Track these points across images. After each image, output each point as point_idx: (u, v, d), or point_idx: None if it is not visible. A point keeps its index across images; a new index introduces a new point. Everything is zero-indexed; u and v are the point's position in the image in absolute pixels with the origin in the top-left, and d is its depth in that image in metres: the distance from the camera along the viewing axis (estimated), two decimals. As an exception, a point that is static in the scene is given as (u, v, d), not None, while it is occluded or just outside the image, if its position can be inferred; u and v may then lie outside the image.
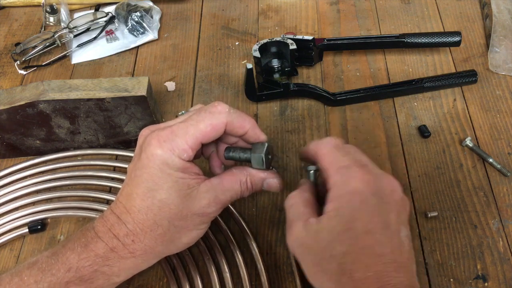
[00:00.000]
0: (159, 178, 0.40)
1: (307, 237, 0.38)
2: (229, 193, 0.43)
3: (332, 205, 0.38)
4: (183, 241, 0.42)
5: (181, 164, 0.40)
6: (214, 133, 0.41)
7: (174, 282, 0.49)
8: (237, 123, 0.42)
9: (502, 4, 0.71)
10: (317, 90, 0.62)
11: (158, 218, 0.40)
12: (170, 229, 0.40)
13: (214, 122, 0.41)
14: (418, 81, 0.61)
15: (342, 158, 0.40)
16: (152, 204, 0.40)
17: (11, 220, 0.54)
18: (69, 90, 0.54)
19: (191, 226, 0.41)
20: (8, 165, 0.59)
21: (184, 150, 0.40)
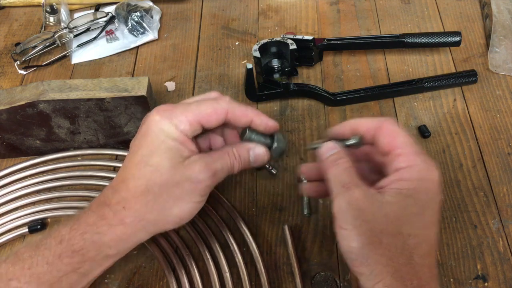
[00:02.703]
0: (154, 144, 0.41)
1: (371, 204, 0.38)
2: (219, 163, 0.43)
3: (407, 184, 0.38)
4: (174, 211, 0.41)
5: (177, 134, 0.41)
6: (214, 116, 0.42)
7: (174, 282, 0.49)
8: (238, 111, 0.43)
9: (502, 4, 0.71)
10: (317, 90, 0.62)
11: (150, 183, 0.40)
12: (162, 196, 0.40)
13: (215, 106, 0.42)
14: (418, 81, 0.61)
15: (416, 145, 0.40)
16: (145, 170, 0.40)
17: (10, 220, 0.54)
18: (69, 90, 0.54)
19: (183, 195, 0.41)
20: (8, 165, 0.59)
21: (182, 122, 0.41)
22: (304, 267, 0.49)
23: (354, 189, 0.39)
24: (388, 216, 0.38)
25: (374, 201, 0.38)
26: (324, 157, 0.42)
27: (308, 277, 0.49)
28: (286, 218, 0.53)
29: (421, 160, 0.39)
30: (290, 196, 0.55)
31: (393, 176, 0.39)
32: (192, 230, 0.52)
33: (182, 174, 0.41)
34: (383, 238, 0.37)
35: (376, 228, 0.38)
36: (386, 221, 0.38)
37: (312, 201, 0.54)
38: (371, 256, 0.38)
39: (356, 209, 0.38)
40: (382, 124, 0.42)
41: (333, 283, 0.48)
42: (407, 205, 0.38)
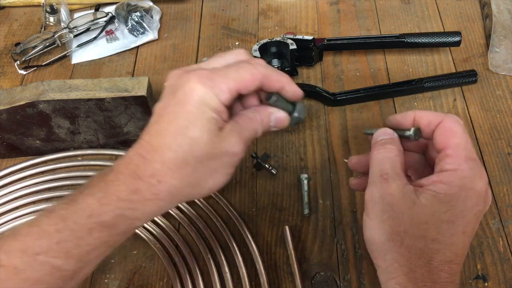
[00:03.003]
0: (194, 115, 0.38)
1: (402, 203, 0.37)
2: (248, 131, 0.41)
3: (446, 189, 0.37)
4: (209, 184, 0.40)
5: (217, 105, 0.39)
6: (252, 82, 0.40)
7: (176, 281, 0.49)
8: (274, 76, 0.41)
9: (502, 4, 0.71)
10: (317, 90, 0.62)
11: (188, 156, 0.38)
12: (199, 169, 0.38)
13: (253, 71, 0.40)
14: (418, 81, 0.61)
15: (472, 149, 0.39)
16: (183, 141, 0.38)
17: (11, 220, 0.54)
18: (69, 90, 0.54)
19: (219, 167, 0.40)
20: (8, 165, 0.59)
21: (223, 91, 0.39)
22: (304, 267, 0.49)
23: (391, 182, 0.38)
24: (415, 218, 0.37)
25: (406, 200, 0.38)
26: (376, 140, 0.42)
27: (308, 277, 0.49)
28: (286, 218, 0.53)
29: (468, 166, 0.38)
30: (290, 196, 0.55)
31: (435, 177, 0.38)
32: (192, 230, 0.52)
33: (219, 147, 0.39)
34: (405, 239, 0.37)
35: (400, 227, 0.37)
36: (411, 223, 0.37)
37: (312, 201, 0.54)
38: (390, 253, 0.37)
39: (386, 203, 0.38)
40: (443, 119, 0.41)
41: (333, 283, 0.48)
42: (439, 211, 0.37)
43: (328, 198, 0.54)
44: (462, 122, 0.41)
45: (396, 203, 0.38)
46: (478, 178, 0.38)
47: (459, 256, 0.37)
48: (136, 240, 0.52)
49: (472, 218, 0.38)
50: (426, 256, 0.37)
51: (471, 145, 0.40)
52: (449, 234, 0.37)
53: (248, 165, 0.57)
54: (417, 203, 0.37)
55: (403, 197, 0.38)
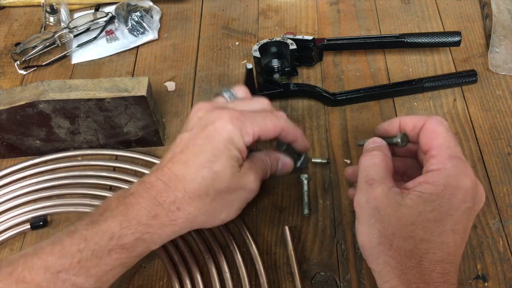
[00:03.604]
0: (220, 151, 0.41)
1: (388, 205, 0.38)
2: (261, 170, 0.46)
3: (431, 188, 0.38)
4: (222, 216, 0.43)
5: (241, 145, 0.42)
6: (273, 132, 0.44)
7: (176, 280, 0.49)
8: (292, 131, 0.46)
9: (502, 4, 0.71)
10: (317, 90, 0.62)
11: (209, 188, 0.41)
12: (217, 201, 0.41)
13: (276, 124, 0.44)
14: (418, 81, 0.61)
15: (455, 147, 0.40)
16: (208, 174, 0.40)
17: (11, 217, 0.54)
18: (69, 90, 0.54)
19: (235, 201, 0.43)
20: (8, 165, 0.59)
21: (248, 134, 0.42)
22: (304, 267, 0.49)
23: (375, 186, 0.39)
24: (401, 219, 0.38)
25: (392, 202, 0.38)
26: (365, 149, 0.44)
27: (308, 277, 0.49)
28: (286, 218, 0.53)
29: (451, 165, 0.38)
30: (290, 196, 0.55)
31: (421, 178, 0.39)
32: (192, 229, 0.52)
33: (238, 182, 0.42)
34: (393, 241, 0.37)
35: (388, 230, 0.38)
36: (398, 224, 0.37)
37: (312, 201, 0.54)
38: (381, 257, 0.38)
39: (372, 207, 0.39)
40: (426, 121, 0.41)
41: (333, 283, 0.48)
42: (425, 210, 0.37)
43: (328, 198, 0.54)
44: (446, 122, 0.42)
45: (382, 207, 0.38)
46: (463, 175, 0.38)
47: (451, 255, 0.37)
48: (136, 240, 0.52)
49: (462, 216, 0.38)
50: (416, 256, 0.37)
51: (454, 143, 0.40)
52: (438, 233, 0.37)
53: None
54: (402, 204, 0.38)
55: (388, 200, 0.38)
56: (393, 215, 0.38)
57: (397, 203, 0.38)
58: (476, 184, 0.39)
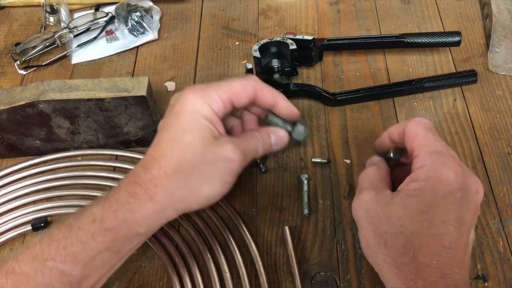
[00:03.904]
0: (187, 122, 0.41)
1: (376, 205, 0.39)
2: (247, 145, 0.43)
3: (415, 185, 0.39)
4: (204, 191, 0.41)
5: (209, 113, 0.42)
6: (244, 92, 0.43)
7: (177, 280, 0.49)
8: (266, 90, 0.45)
9: (502, 4, 0.71)
10: (317, 90, 0.62)
11: (182, 161, 0.40)
12: (194, 174, 0.40)
13: (245, 83, 0.44)
14: (418, 81, 0.61)
15: (435, 143, 0.40)
16: (177, 147, 0.41)
17: (12, 219, 0.54)
18: (69, 90, 0.54)
19: (215, 173, 0.41)
20: (8, 165, 0.59)
21: (215, 100, 0.42)
22: (304, 267, 0.49)
23: (365, 192, 0.41)
24: (390, 216, 0.38)
25: (381, 203, 0.39)
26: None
27: (308, 277, 0.49)
28: (286, 218, 0.53)
29: (431, 160, 0.39)
30: (290, 196, 0.55)
31: (408, 179, 0.40)
32: (193, 230, 0.52)
33: (214, 152, 0.41)
34: (387, 239, 0.38)
35: (381, 229, 0.39)
36: (388, 222, 0.38)
37: (312, 201, 0.54)
38: (378, 256, 0.39)
39: (364, 211, 0.40)
40: (405, 127, 0.42)
41: (333, 283, 0.48)
42: (410, 203, 0.38)
43: (328, 198, 0.54)
44: (426, 121, 0.43)
45: (372, 208, 0.40)
46: (442, 167, 0.39)
47: (448, 247, 0.37)
48: (136, 240, 0.52)
49: (451, 206, 0.38)
50: (410, 252, 0.37)
51: (434, 139, 0.41)
52: (427, 224, 0.37)
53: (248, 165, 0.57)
54: (391, 203, 0.39)
55: (377, 201, 0.40)
56: (382, 214, 0.39)
57: (386, 203, 0.39)
58: (463, 174, 0.39)
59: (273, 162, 0.57)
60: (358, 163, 0.57)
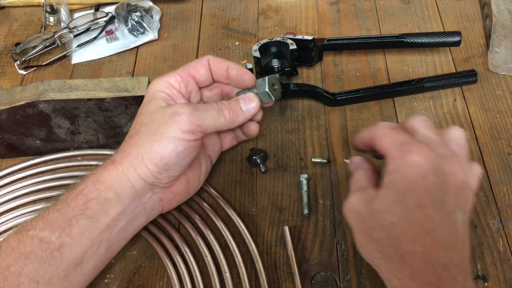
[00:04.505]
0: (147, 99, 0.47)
1: (360, 205, 0.41)
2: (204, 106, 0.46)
3: (388, 178, 0.40)
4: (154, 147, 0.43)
5: (166, 87, 0.47)
6: (200, 65, 0.50)
7: (176, 279, 0.49)
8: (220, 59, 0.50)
9: (502, 4, 0.71)
10: (317, 90, 0.62)
11: (137, 127, 0.45)
12: (146, 133, 0.44)
13: (199, 58, 0.50)
14: (418, 81, 0.61)
15: (399, 137, 0.41)
16: (138, 118, 0.46)
17: (12, 218, 0.54)
18: (69, 90, 0.54)
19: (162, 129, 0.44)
20: (8, 165, 0.59)
21: (172, 76, 0.48)
22: (304, 267, 0.49)
23: (351, 195, 0.43)
24: (372, 211, 0.39)
25: (363, 201, 0.41)
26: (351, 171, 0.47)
27: (308, 277, 0.49)
28: (286, 218, 0.53)
29: (398, 151, 0.40)
30: (290, 196, 0.55)
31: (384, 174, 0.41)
32: (193, 230, 0.52)
33: (164, 112, 0.45)
34: (372, 234, 0.39)
35: (367, 226, 0.40)
36: (372, 217, 0.39)
37: (312, 201, 0.54)
38: (370, 253, 0.40)
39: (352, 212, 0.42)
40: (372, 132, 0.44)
41: (333, 283, 0.48)
42: (387, 195, 0.39)
43: (328, 198, 0.54)
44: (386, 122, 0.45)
45: (357, 208, 0.41)
46: (408, 154, 0.39)
47: (429, 230, 0.36)
48: (136, 240, 0.52)
49: (426, 190, 0.38)
50: (393, 242, 0.37)
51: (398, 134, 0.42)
52: (403, 212, 0.37)
53: (248, 165, 0.57)
54: (373, 199, 0.40)
55: (362, 200, 0.41)
56: (366, 211, 0.40)
57: (369, 200, 0.40)
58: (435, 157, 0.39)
59: (273, 162, 0.58)
60: (358, 163, 0.57)
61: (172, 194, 0.48)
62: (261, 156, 0.56)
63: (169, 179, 0.46)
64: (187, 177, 0.49)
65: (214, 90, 0.53)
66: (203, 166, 0.51)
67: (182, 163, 0.45)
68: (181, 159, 0.45)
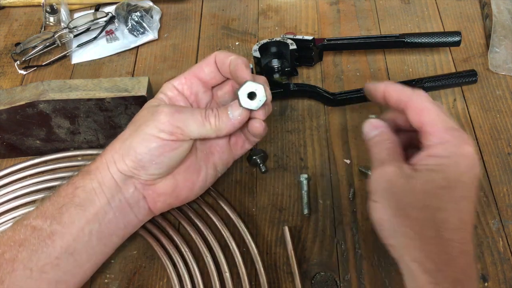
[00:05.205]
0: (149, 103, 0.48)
1: (399, 178, 0.39)
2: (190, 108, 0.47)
3: (436, 160, 0.39)
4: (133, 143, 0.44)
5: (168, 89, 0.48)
6: (205, 64, 0.48)
7: (176, 278, 0.49)
8: (224, 56, 0.48)
9: (502, 4, 0.71)
10: (317, 90, 0.62)
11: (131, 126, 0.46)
12: (130, 128, 0.46)
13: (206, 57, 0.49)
14: (418, 81, 0.61)
15: (448, 119, 0.41)
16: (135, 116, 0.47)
17: (12, 218, 0.54)
18: (69, 90, 0.54)
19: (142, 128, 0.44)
20: (8, 165, 0.59)
21: (177, 78, 0.48)
22: (304, 267, 0.49)
23: (387, 165, 0.41)
24: (414, 189, 0.38)
25: (403, 176, 0.39)
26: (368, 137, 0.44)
27: (308, 277, 0.49)
28: (286, 218, 0.53)
29: (452, 136, 0.39)
30: (290, 196, 0.55)
31: (424, 153, 0.40)
32: (193, 230, 0.52)
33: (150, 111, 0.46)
34: (410, 211, 0.38)
35: (403, 201, 0.39)
36: (413, 194, 0.38)
37: (312, 201, 0.54)
38: (398, 229, 0.39)
39: (386, 182, 0.40)
40: (410, 99, 0.42)
41: (333, 283, 0.48)
42: (434, 178, 0.38)
43: (328, 198, 0.54)
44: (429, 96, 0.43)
45: (395, 180, 0.40)
46: (464, 144, 0.39)
47: (467, 223, 0.38)
48: (136, 240, 0.52)
49: (471, 182, 0.38)
50: (434, 226, 0.37)
51: (446, 115, 0.41)
52: (451, 200, 0.38)
53: (248, 165, 0.57)
54: (413, 176, 0.39)
55: (400, 174, 0.40)
56: (406, 186, 0.39)
57: (409, 176, 0.39)
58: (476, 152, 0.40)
59: (273, 162, 0.57)
60: (358, 163, 0.57)
61: (155, 193, 0.47)
62: (261, 156, 0.56)
63: (148, 176, 0.45)
64: (176, 180, 0.47)
65: (225, 88, 0.50)
66: (201, 174, 0.48)
67: (158, 161, 0.44)
68: (155, 157, 0.43)
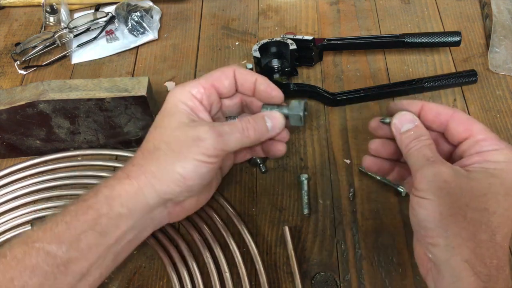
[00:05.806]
0: (167, 109, 0.44)
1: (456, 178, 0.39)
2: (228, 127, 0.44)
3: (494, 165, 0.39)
4: (177, 168, 0.42)
5: (189, 99, 0.44)
6: (224, 76, 0.46)
7: (176, 279, 0.49)
8: (246, 71, 0.47)
9: (502, 4, 0.71)
10: (317, 90, 0.62)
11: (156, 142, 0.43)
12: (167, 153, 0.42)
13: (224, 69, 0.47)
14: (418, 81, 0.61)
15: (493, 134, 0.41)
16: (155, 131, 0.44)
17: (12, 218, 0.54)
18: (69, 90, 0.54)
19: (185, 152, 0.42)
20: (8, 165, 0.59)
21: (195, 86, 0.45)
22: (304, 267, 0.49)
23: (439, 163, 0.40)
24: (474, 190, 0.38)
25: (460, 176, 0.39)
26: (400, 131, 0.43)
27: (308, 277, 0.49)
28: (286, 218, 0.53)
29: (505, 145, 0.40)
30: (290, 196, 0.55)
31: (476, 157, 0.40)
32: (193, 230, 0.52)
33: (187, 133, 0.42)
34: (467, 212, 0.37)
35: (461, 201, 0.38)
36: (472, 196, 0.38)
37: (312, 201, 0.54)
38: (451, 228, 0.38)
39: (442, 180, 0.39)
40: (454, 112, 0.42)
41: (333, 283, 0.48)
42: (494, 183, 0.38)
43: (328, 198, 0.54)
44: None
45: (451, 180, 0.38)
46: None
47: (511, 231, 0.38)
48: (136, 240, 0.52)
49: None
50: (489, 230, 0.37)
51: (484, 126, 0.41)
52: (507, 207, 0.38)
53: (248, 165, 0.57)
54: (471, 177, 0.38)
55: (456, 174, 0.39)
56: (465, 186, 0.38)
57: (466, 177, 0.39)
58: None
59: (273, 162, 0.57)
60: (358, 163, 0.57)
61: (182, 209, 0.47)
62: (261, 156, 0.56)
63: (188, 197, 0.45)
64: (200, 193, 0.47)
65: (235, 100, 0.50)
66: (214, 183, 0.49)
67: (204, 183, 0.44)
68: (204, 180, 0.44)
